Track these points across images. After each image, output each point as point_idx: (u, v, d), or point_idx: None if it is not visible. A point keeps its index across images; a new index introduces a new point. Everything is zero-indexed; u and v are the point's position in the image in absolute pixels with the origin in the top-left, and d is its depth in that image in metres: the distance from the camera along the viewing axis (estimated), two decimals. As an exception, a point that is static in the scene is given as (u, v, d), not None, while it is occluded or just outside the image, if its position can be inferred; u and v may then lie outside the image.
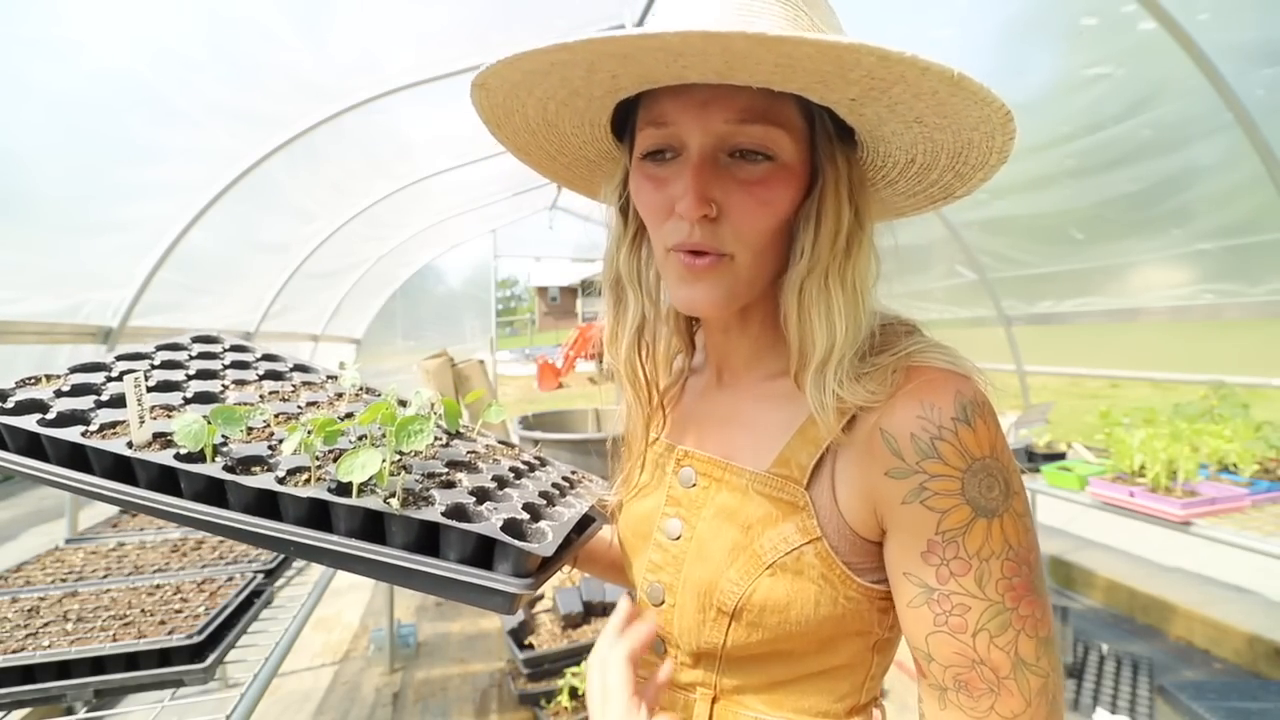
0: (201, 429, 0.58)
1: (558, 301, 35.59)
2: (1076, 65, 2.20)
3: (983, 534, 0.49)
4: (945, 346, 0.56)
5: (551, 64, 0.48)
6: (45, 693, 0.97)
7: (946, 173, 0.56)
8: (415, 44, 2.27)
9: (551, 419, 4.42)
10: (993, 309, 3.62)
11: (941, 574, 0.50)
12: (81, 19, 1.52)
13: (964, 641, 0.49)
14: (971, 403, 0.51)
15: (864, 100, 0.48)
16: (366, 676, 2.96)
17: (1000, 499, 0.49)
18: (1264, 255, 2.34)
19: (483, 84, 0.52)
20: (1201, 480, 2.02)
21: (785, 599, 0.55)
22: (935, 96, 0.45)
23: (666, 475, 0.67)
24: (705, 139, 0.53)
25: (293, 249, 3.41)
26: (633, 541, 0.70)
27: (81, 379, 0.70)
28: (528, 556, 0.54)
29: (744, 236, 0.55)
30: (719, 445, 0.64)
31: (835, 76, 0.45)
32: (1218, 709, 2.28)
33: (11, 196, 1.75)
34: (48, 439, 0.59)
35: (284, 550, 0.57)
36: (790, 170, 0.55)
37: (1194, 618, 3.08)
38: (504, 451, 0.76)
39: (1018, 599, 0.48)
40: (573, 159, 0.69)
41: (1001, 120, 0.47)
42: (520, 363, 19.44)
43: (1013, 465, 0.52)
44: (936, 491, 0.50)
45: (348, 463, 0.54)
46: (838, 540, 0.55)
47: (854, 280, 0.55)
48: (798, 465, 0.57)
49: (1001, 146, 0.50)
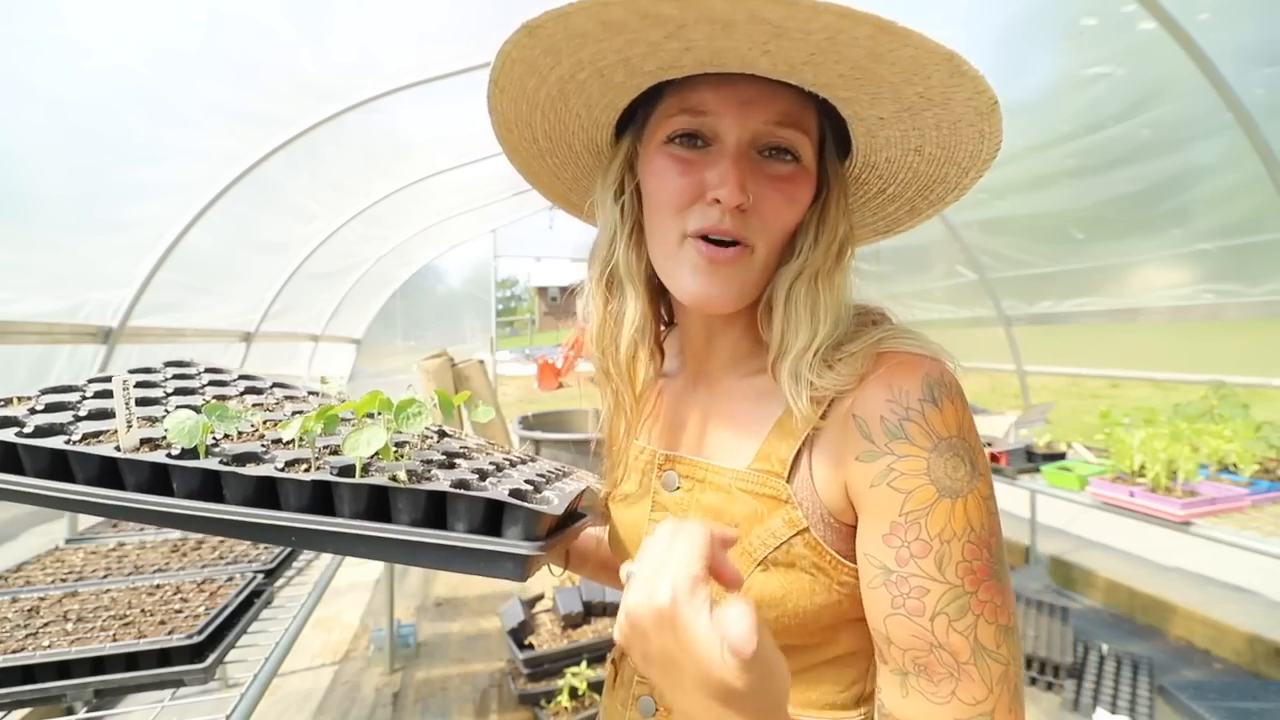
0: (196, 425, 0.58)
1: (558, 301, 35.56)
2: (1076, 65, 2.20)
3: (945, 515, 0.49)
4: (913, 332, 0.58)
5: (602, 24, 0.46)
6: (45, 693, 0.96)
7: (931, 182, 0.61)
8: (415, 44, 2.27)
9: (551, 419, 4.42)
10: (993, 309, 3.62)
11: (901, 555, 0.50)
12: (81, 19, 1.52)
13: (921, 625, 0.48)
14: (939, 384, 0.52)
15: (880, 96, 0.51)
16: (366, 676, 2.96)
17: (965, 479, 0.50)
18: (1264, 255, 2.34)
19: (540, 25, 0.48)
20: (1201, 480, 2.02)
21: (780, 592, 0.55)
22: (954, 127, 0.51)
23: (650, 481, 0.67)
24: (744, 134, 0.55)
25: (293, 249, 3.41)
26: (623, 549, 0.70)
27: (54, 399, 0.69)
28: (538, 518, 0.54)
29: (768, 229, 0.57)
30: (699, 447, 0.65)
31: (866, 59, 0.46)
32: (1218, 709, 2.28)
33: (12, 196, 1.75)
34: (27, 450, 0.57)
35: (285, 541, 0.56)
36: (810, 174, 0.58)
37: (1194, 618, 3.08)
38: (493, 448, 0.77)
39: (977, 583, 0.48)
40: (563, 161, 0.68)
41: (993, 147, 0.53)
42: (520, 363, 19.44)
43: (979, 447, 0.52)
44: (903, 472, 0.50)
45: (353, 438, 0.55)
46: (823, 529, 0.55)
47: (840, 282, 0.58)
48: (778, 459, 0.58)
49: (984, 166, 0.55)
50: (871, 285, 0.65)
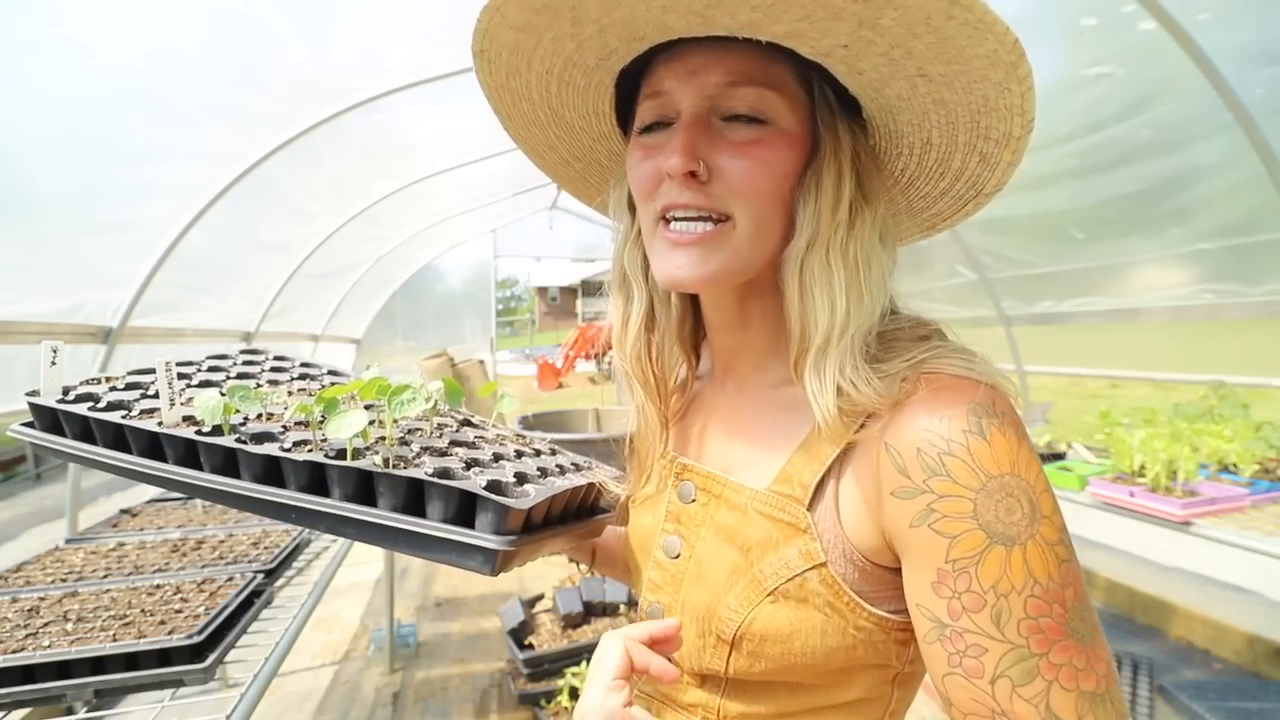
0: (218, 404, 0.62)
1: (558, 301, 35.58)
2: (1076, 65, 2.20)
3: (1000, 564, 0.42)
4: (966, 350, 0.51)
5: (531, 10, 0.46)
6: (45, 693, 0.96)
7: (970, 157, 0.52)
8: (415, 44, 2.27)
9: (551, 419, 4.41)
10: (993, 309, 3.62)
11: (953, 608, 0.44)
12: (81, 19, 1.52)
13: (981, 688, 0.42)
14: (987, 412, 0.45)
15: (857, 48, 0.44)
16: (366, 676, 2.96)
17: (1023, 524, 0.43)
18: (1264, 255, 2.34)
19: (480, 51, 0.51)
20: (1201, 480, 2.02)
21: (788, 628, 0.51)
22: (930, 25, 0.41)
23: (667, 489, 0.64)
24: (697, 102, 0.52)
25: (293, 249, 3.41)
26: (636, 556, 0.68)
27: (135, 379, 0.77)
28: (508, 513, 0.53)
29: (743, 197, 0.51)
30: (719, 458, 0.61)
31: (818, 9, 0.41)
32: (1218, 709, 2.28)
33: (11, 196, 1.75)
34: (95, 422, 0.66)
35: (286, 517, 0.59)
36: (789, 135, 0.52)
37: (1194, 618, 3.08)
38: (513, 439, 0.76)
39: (1047, 643, 0.42)
40: (586, 165, 0.67)
41: (1012, 58, 0.42)
42: (520, 363, 19.45)
43: (1043, 485, 0.45)
44: (945, 514, 0.44)
45: (335, 422, 0.56)
46: (844, 566, 0.50)
47: (856, 255, 0.51)
48: (799, 484, 0.53)
49: (1021, 104, 0.45)
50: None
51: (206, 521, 1.67)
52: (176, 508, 1.80)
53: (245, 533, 1.56)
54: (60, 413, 0.68)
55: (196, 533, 1.58)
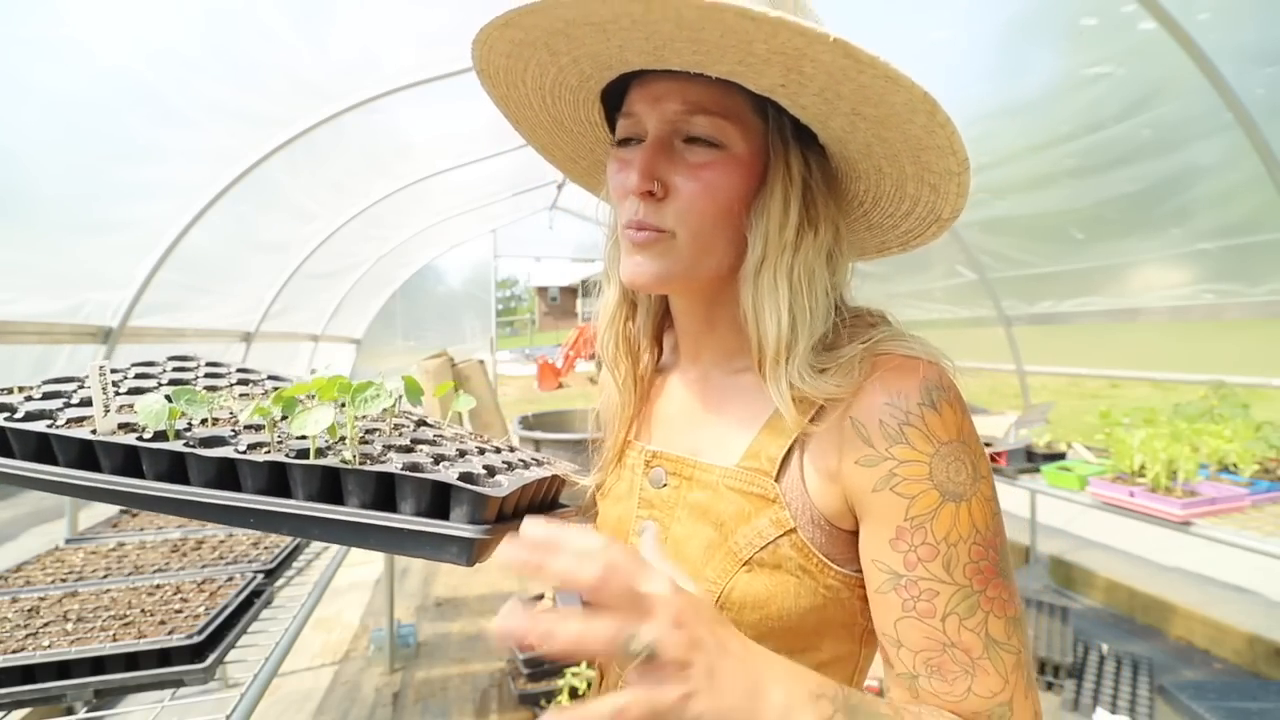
0: (163, 408, 0.58)
1: (558, 301, 35.59)
2: (1076, 65, 2.20)
3: (950, 518, 0.50)
4: (911, 334, 0.57)
5: (512, 44, 0.52)
6: (45, 693, 0.96)
7: (920, 186, 0.55)
8: (415, 44, 2.28)
9: (551, 419, 4.41)
10: (993, 309, 3.62)
11: (909, 559, 0.50)
12: (82, 19, 1.52)
13: (933, 625, 0.49)
14: (937, 387, 0.52)
15: (793, 87, 0.49)
16: (366, 676, 2.96)
17: (968, 483, 0.50)
18: (1264, 255, 2.34)
19: (481, 70, 0.58)
20: (1201, 480, 2.02)
21: (765, 594, 0.55)
22: (846, 75, 0.45)
23: (637, 477, 0.67)
24: (660, 125, 0.57)
25: (293, 249, 3.41)
26: None
27: (53, 388, 0.72)
28: (484, 501, 0.53)
29: (684, 216, 0.57)
30: (687, 443, 0.65)
31: (744, 53, 0.46)
32: (1218, 709, 2.28)
33: (11, 196, 1.75)
34: (14, 433, 0.60)
35: (245, 523, 0.57)
36: (739, 160, 0.57)
37: (1194, 618, 3.08)
38: (470, 437, 0.76)
39: (985, 581, 0.49)
40: (591, 163, 0.72)
41: (927, 106, 0.45)
42: (520, 363, 19.46)
43: (980, 449, 0.53)
44: (905, 477, 0.50)
45: (301, 418, 0.55)
46: (812, 531, 0.55)
47: (801, 274, 0.56)
48: (767, 457, 0.57)
49: (950, 144, 0.48)
50: (872, 285, 0.64)
51: (206, 522, 1.67)
52: (176, 508, 1.80)
53: (245, 533, 1.56)
54: None
55: (196, 533, 1.58)
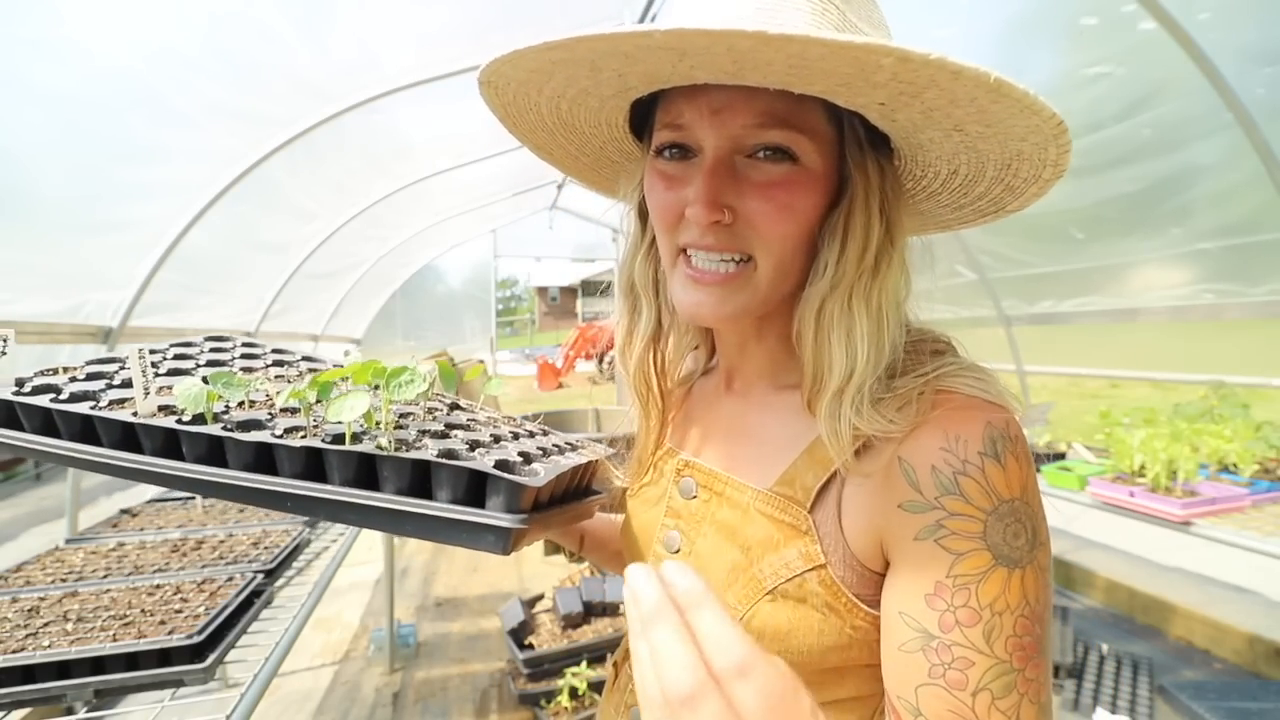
0: (201, 392, 0.59)
1: (558, 301, 35.58)
2: (1077, 65, 2.20)
3: (1000, 585, 0.44)
4: (980, 369, 0.52)
5: (553, 63, 0.46)
6: (45, 693, 0.96)
7: (995, 185, 0.51)
8: (415, 44, 2.28)
9: (551, 419, 4.41)
10: (993, 309, 3.62)
11: (945, 620, 0.45)
12: (82, 19, 1.52)
13: (961, 699, 0.44)
14: (1003, 436, 0.46)
15: (895, 105, 0.44)
16: (366, 676, 2.96)
17: (1025, 549, 0.45)
18: (1264, 255, 2.34)
19: (488, 81, 0.50)
20: (1201, 480, 2.02)
21: (786, 627, 0.52)
22: (975, 104, 0.40)
23: (668, 484, 0.65)
24: (721, 143, 0.50)
25: (293, 249, 3.41)
26: (634, 549, 0.68)
27: (96, 369, 0.73)
28: (520, 490, 0.53)
29: (766, 241, 0.51)
30: (722, 457, 0.61)
31: (857, 79, 0.40)
32: (1218, 709, 2.28)
33: (12, 196, 1.75)
34: (59, 414, 0.61)
35: (282, 506, 0.57)
36: (813, 175, 0.51)
37: (1194, 618, 3.08)
38: (505, 421, 0.75)
39: (1025, 660, 0.44)
40: (596, 159, 0.67)
41: (1054, 131, 0.42)
42: (520, 363, 19.44)
43: (1042, 512, 0.47)
44: (955, 531, 0.45)
45: (337, 405, 0.55)
46: (843, 569, 0.51)
47: (880, 302, 0.51)
48: (802, 486, 0.53)
49: (1056, 159, 0.45)
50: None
51: (206, 521, 1.67)
52: (176, 508, 1.80)
53: (245, 532, 1.56)
54: (18, 405, 0.63)
55: (196, 533, 1.57)
